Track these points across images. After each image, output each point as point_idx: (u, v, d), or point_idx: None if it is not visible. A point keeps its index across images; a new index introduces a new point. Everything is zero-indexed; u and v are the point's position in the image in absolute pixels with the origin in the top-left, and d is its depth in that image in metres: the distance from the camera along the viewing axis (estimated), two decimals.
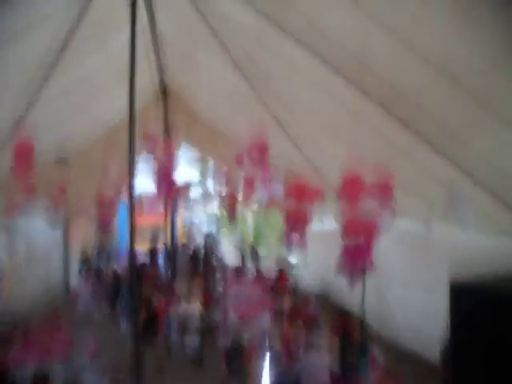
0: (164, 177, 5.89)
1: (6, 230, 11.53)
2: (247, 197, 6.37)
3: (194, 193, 14.65)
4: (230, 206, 10.84)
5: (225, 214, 12.20)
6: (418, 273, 7.77)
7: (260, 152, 5.31)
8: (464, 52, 3.01)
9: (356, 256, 3.88)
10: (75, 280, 15.50)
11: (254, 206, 14.14)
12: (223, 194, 10.82)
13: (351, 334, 7.15)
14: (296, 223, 5.40)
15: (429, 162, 4.68)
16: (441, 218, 5.99)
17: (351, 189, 4.08)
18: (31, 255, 13.31)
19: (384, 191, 3.99)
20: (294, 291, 10.75)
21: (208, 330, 8.17)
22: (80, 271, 16.08)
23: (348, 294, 11.19)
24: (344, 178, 4.14)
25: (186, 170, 14.62)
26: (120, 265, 17.58)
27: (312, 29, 3.82)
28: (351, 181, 4.13)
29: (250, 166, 5.65)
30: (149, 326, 9.00)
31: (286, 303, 10.18)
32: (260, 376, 5.84)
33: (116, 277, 13.35)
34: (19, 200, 6.60)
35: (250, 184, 5.84)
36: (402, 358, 8.15)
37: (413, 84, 3.70)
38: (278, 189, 6.88)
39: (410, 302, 8.27)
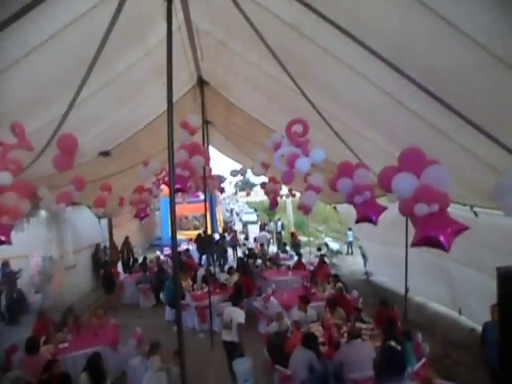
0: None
1: (56, 222, 12.10)
2: (288, 181, 6.39)
3: (234, 182, 14.93)
4: (272, 193, 10.97)
5: (267, 202, 12.43)
6: (472, 255, 7.61)
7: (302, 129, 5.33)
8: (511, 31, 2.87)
9: (431, 223, 3.73)
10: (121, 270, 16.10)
11: (296, 193, 14.25)
12: (264, 183, 11.00)
13: (394, 322, 7.08)
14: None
15: (474, 146, 4.54)
16: (488, 203, 5.83)
17: (413, 158, 4.00)
18: (79, 245, 13.91)
19: None
20: (336, 278, 10.69)
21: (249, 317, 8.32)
22: (123, 258, 16.65)
23: (393, 275, 11.20)
24: (403, 151, 4.06)
25: (224, 161, 14.82)
26: (163, 253, 18.17)
27: (350, 14, 3.74)
28: (411, 151, 4.07)
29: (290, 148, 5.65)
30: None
31: (328, 291, 10.19)
32: (301, 363, 5.88)
33: (160, 269, 13.74)
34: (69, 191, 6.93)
35: (290, 167, 5.84)
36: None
37: (457, 67, 3.58)
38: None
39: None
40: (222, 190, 14.24)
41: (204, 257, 16.68)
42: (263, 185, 11.50)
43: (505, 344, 3.17)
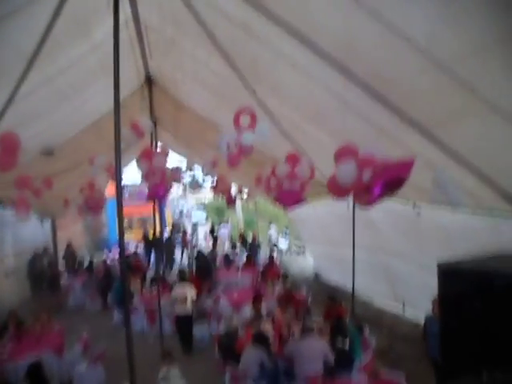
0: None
1: None
2: (233, 163, 6.37)
3: (183, 181, 14.53)
4: (225, 192, 10.88)
5: (222, 201, 12.32)
6: (414, 252, 7.89)
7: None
8: (451, 37, 3.04)
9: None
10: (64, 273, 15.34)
11: (244, 194, 14.25)
12: (214, 181, 10.87)
13: (342, 318, 7.26)
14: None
15: (416, 145, 4.72)
16: (429, 201, 6.06)
17: (347, 154, 4.21)
18: (20, 248, 13.23)
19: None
20: (285, 277, 10.83)
21: (200, 316, 8.34)
22: (67, 264, 15.78)
23: (339, 275, 11.47)
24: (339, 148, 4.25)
25: (173, 159, 14.54)
26: (110, 256, 17.62)
27: (298, 15, 3.80)
28: (346, 148, 4.29)
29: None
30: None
31: (278, 289, 10.30)
32: (252, 361, 5.91)
33: (107, 270, 13.34)
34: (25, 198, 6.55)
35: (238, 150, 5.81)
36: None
37: (400, 69, 3.74)
38: None
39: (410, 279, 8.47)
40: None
41: (152, 258, 16.37)
42: (213, 187, 11.42)
43: (445, 336, 3.35)
